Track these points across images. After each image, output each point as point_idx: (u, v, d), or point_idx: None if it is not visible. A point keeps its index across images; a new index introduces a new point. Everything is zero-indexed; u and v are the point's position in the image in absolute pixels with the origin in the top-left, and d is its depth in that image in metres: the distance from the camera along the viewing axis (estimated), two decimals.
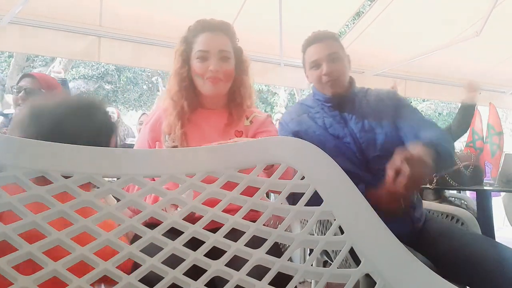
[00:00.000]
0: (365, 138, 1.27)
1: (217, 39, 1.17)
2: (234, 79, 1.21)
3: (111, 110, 4.36)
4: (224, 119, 1.19)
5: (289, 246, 0.54)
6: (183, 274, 0.49)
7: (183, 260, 0.50)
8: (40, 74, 1.80)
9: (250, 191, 0.58)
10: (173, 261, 0.50)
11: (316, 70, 1.33)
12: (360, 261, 0.53)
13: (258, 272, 0.51)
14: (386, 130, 1.28)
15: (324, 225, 1.42)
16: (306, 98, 1.47)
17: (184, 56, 1.19)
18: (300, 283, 0.52)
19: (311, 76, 1.37)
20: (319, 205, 0.57)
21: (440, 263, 1.10)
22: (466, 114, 2.63)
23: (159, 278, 0.48)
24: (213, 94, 1.18)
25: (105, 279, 0.48)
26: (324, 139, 1.29)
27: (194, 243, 0.53)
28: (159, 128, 1.18)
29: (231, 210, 0.57)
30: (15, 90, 1.68)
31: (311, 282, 1.81)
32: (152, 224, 0.55)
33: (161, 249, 0.50)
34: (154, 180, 0.57)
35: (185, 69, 1.18)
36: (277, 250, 0.92)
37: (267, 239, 0.54)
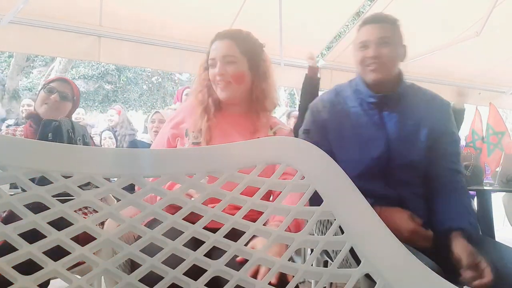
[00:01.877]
0: (398, 145, 1.19)
1: (222, 45, 1.21)
2: (252, 83, 1.24)
3: (110, 113, 4.37)
4: (248, 124, 1.22)
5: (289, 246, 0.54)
6: (183, 274, 0.49)
7: (183, 260, 0.50)
8: (72, 82, 1.84)
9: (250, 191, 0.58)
10: (173, 261, 0.50)
11: (362, 51, 1.23)
12: (360, 261, 0.53)
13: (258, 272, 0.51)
14: (420, 145, 1.20)
15: (324, 225, 1.42)
16: (344, 86, 1.33)
17: (205, 65, 1.27)
18: (300, 283, 0.52)
19: (355, 57, 1.26)
20: (319, 205, 0.57)
21: (440, 263, 1.10)
22: (455, 117, 2.76)
23: (159, 278, 0.48)
24: (225, 98, 1.21)
25: None
26: (352, 138, 1.22)
27: (194, 243, 0.53)
28: (182, 127, 1.22)
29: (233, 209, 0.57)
30: (46, 89, 1.70)
31: (311, 282, 1.81)
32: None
33: (161, 249, 0.50)
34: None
35: (205, 73, 1.26)
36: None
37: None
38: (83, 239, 0.50)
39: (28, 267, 0.45)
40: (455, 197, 1.17)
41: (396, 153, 1.18)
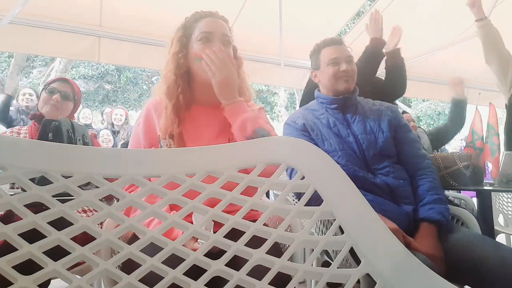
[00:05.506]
0: (366, 139, 1.37)
1: (220, 23, 1.15)
2: None
3: (119, 112, 4.43)
4: (221, 117, 1.12)
5: (289, 246, 0.54)
6: (183, 274, 0.49)
7: (183, 260, 0.50)
8: (72, 81, 1.89)
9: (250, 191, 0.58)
10: (173, 261, 0.50)
11: (334, 67, 1.46)
12: (360, 261, 0.53)
13: (258, 272, 0.51)
14: (385, 134, 1.39)
15: (325, 225, 1.42)
16: (308, 104, 1.58)
17: (182, 41, 1.15)
18: (300, 283, 0.52)
19: (327, 71, 1.47)
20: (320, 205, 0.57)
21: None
22: (458, 109, 2.73)
23: (159, 278, 0.48)
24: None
25: None
26: (328, 135, 1.39)
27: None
28: (153, 129, 1.13)
29: (231, 211, 0.57)
30: (48, 90, 1.75)
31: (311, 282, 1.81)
32: None
33: (161, 249, 0.50)
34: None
35: (182, 54, 1.13)
36: (277, 250, 0.92)
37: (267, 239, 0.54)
38: (81, 239, 0.50)
39: (28, 267, 0.45)
40: (427, 183, 1.32)
41: (366, 145, 1.35)
